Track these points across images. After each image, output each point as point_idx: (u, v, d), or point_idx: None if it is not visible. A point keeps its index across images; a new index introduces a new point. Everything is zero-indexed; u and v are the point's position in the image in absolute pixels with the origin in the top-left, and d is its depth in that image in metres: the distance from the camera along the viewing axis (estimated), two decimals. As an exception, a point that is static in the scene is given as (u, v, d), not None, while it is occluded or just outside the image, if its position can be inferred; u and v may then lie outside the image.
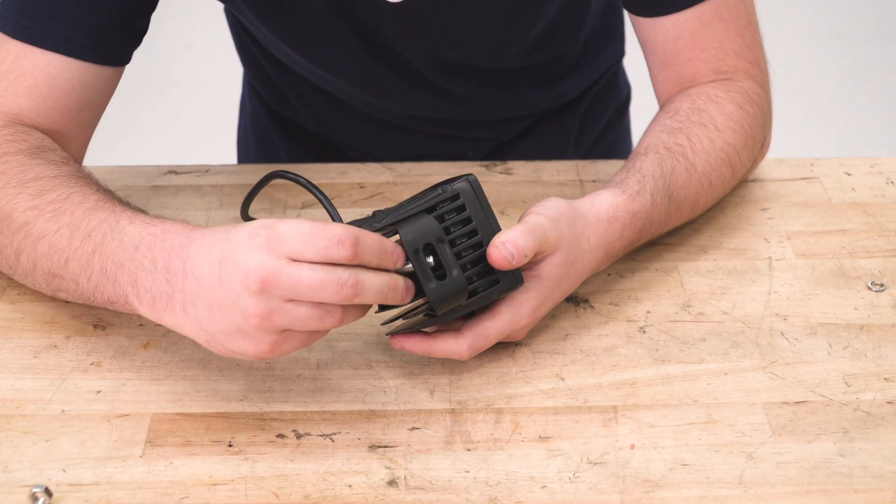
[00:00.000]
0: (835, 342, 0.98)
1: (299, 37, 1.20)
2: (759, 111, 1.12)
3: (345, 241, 0.82)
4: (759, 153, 1.14)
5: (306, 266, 0.82)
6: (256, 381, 0.94)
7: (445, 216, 0.90)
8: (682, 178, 1.04)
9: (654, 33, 1.13)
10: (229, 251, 0.83)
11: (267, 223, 0.83)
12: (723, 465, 0.86)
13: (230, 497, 0.84)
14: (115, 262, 0.89)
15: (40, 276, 0.95)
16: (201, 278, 0.84)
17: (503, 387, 0.93)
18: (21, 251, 0.95)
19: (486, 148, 1.37)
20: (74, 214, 0.93)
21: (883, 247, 1.09)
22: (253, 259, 0.82)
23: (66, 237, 0.92)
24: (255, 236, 0.83)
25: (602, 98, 1.42)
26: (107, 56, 1.06)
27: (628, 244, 1.02)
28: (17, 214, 0.95)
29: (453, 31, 1.19)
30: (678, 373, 0.95)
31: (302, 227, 0.82)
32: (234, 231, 0.84)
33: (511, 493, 0.84)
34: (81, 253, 0.91)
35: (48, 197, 0.95)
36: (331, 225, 0.83)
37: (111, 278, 0.90)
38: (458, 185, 0.90)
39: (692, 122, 1.08)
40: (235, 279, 0.82)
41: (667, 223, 1.05)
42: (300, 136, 1.40)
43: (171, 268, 0.86)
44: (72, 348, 0.97)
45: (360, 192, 1.17)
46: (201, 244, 0.85)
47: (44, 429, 0.89)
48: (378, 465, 0.86)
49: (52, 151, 1.01)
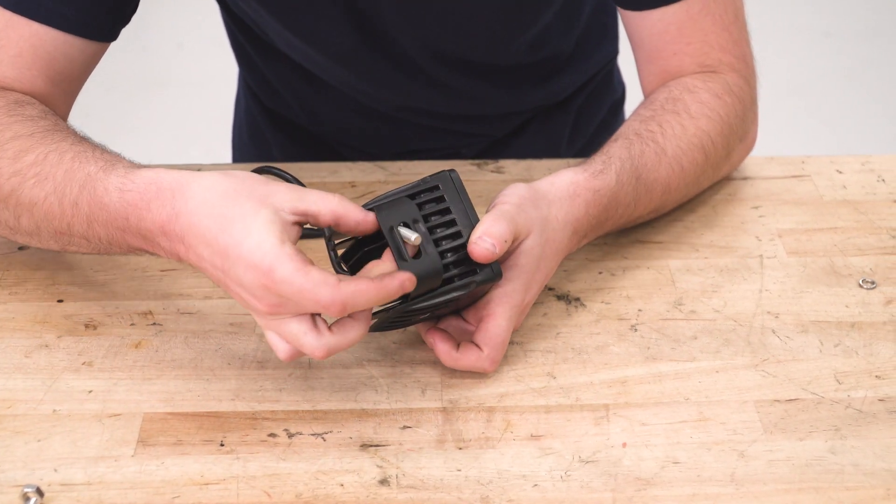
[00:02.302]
0: (826, 340, 0.98)
1: (296, 18, 1.20)
2: (738, 103, 1.12)
3: (330, 308, 0.83)
4: (739, 145, 1.14)
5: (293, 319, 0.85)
6: (248, 381, 0.94)
7: (425, 205, 0.90)
8: (650, 161, 1.04)
9: (641, 27, 1.13)
10: (229, 267, 0.84)
11: (266, 259, 0.82)
12: (714, 463, 0.87)
13: (222, 496, 0.84)
14: (116, 228, 0.91)
15: (47, 236, 0.97)
16: (203, 262, 0.87)
17: (495, 385, 0.93)
18: (20, 215, 0.96)
19: (480, 145, 1.37)
20: (56, 179, 0.93)
21: (874, 244, 1.09)
22: (256, 291, 0.84)
23: (57, 205, 0.93)
24: (255, 272, 0.83)
25: (596, 96, 1.43)
26: (94, 31, 1.06)
27: (595, 223, 1.01)
28: (3, 182, 0.96)
29: (451, 21, 1.19)
30: (670, 371, 0.95)
31: (293, 282, 0.82)
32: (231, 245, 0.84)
33: (503, 492, 0.84)
34: (79, 220, 0.92)
35: (27, 159, 0.95)
36: (319, 288, 0.82)
37: (119, 238, 0.91)
38: (439, 175, 0.91)
39: (665, 110, 1.08)
40: (239, 292, 0.85)
41: (636, 205, 1.04)
42: (294, 134, 1.40)
43: (170, 238, 0.87)
44: (63, 348, 0.97)
45: (351, 190, 1.17)
46: (194, 230, 0.86)
47: (35, 429, 0.89)
48: (370, 464, 0.86)
49: (29, 106, 1.02)
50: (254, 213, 0.84)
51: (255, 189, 0.85)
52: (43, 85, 1.06)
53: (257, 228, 0.83)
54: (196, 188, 0.86)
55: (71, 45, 1.06)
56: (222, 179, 0.86)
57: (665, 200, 1.08)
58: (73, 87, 1.10)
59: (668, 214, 1.12)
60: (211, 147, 2.93)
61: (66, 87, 1.09)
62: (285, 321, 0.85)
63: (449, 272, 0.89)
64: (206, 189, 0.86)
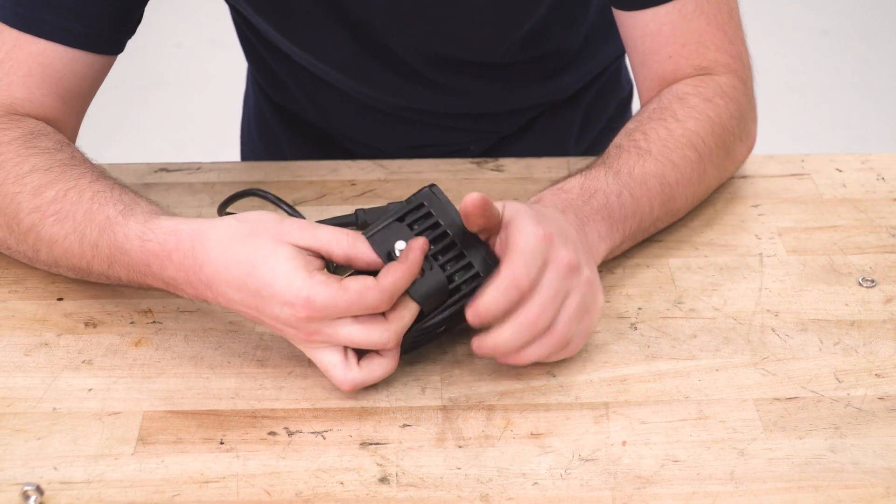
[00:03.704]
0: (826, 338, 0.98)
1: (292, 27, 1.21)
2: (732, 103, 1.11)
3: (381, 306, 0.87)
4: (739, 144, 1.13)
5: (345, 325, 0.87)
6: (248, 379, 0.94)
7: (415, 225, 0.91)
8: (632, 160, 1.03)
9: (634, 27, 1.13)
10: (264, 306, 0.88)
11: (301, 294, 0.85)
12: (714, 461, 0.87)
13: (222, 495, 0.84)
14: (138, 273, 0.93)
15: (65, 269, 0.99)
16: (234, 305, 0.89)
17: (494, 383, 0.93)
18: (38, 249, 0.98)
19: (487, 141, 1.37)
20: (76, 219, 0.95)
21: (874, 243, 1.09)
22: (295, 323, 0.87)
23: (77, 244, 0.95)
24: (292, 309, 0.86)
25: (604, 94, 1.43)
26: (101, 45, 1.07)
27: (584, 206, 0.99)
28: (23, 216, 0.97)
29: (442, 25, 1.19)
30: (669, 369, 0.95)
31: (338, 303, 0.85)
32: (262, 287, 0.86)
33: (503, 490, 0.84)
34: (99, 262, 0.95)
35: (47, 195, 0.96)
36: (364, 294, 0.86)
37: (140, 281, 0.94)
38: (420, 193, 0.92)
39: (652, 118, 1.08)
40: (278, 329, 0.89)
41: (632, 196, 1.02)
42: (303, 130, 1.40)
43: (196, 287, 0.90)
44: (63, 346, 0.97)
45: (351, 189, 1.17)
46: (220, 277, 0.88)
47: (35, 427, 0.89)
48: (370, 463, 0.86)
49: (45, 137, 1.02)
50: (274, 254, 0.86)
51: (269, 230, 0.88)
52: (53, 104, 1.06)
53: (282, 267, 0.86)
54: (214, 236, 0.89)
55: (78, 61, 1.06)
56: (238, 225, 0.89)
57: (671, 195, 1.05)
58: (83, 105, 1.11)
59: (668, 213, 1.12)
60: (210, 146, 2.93)
61: (76, 106, 1.09)
62: (319, 351, 0.89)
63: (454, 282, 0.90)
64: (224, 236, 0.88)
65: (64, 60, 1.05)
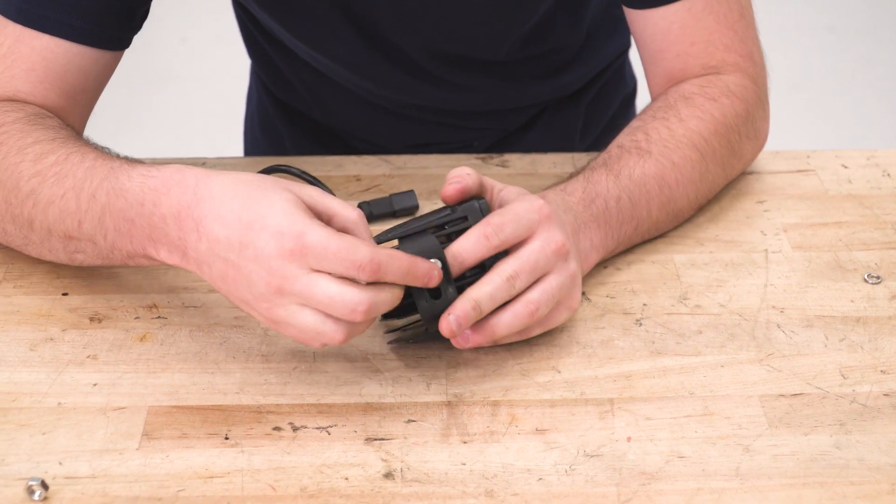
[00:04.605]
0: (831, 335, 0.98)
1: (298, 23, 1.21)
2: (740, 103, 1.11)
3: (365, 268, 0.84)
4: (746, 143, 1.13)
5: (324, 278, 0.84)
6: (253, 374, 0.94)
7: (452, 235, 0.91)
8: (632, 161, 1.04)
9: (644, 26, 1.13)
10: (250, 241, 0.85)
11: (295, 227, 0.84)
12: (719, 457, 0.86)
13: (226, 490, 0.84)
14: (126, 220, 0.91)
15: (56, 241, 0.97)
16: (216, 247, 0.86)
17: (499, 379, 0.93)
18: (33, 219, 0.97)
19: (491, 138, 1.37)
20: (76, 176, 0.94)
21: (879, 239, 1.09)
22: (275, 262, 0.84)
23: (73, 200, 0.93)
24: (280, 239, 0.84)
25: (608, 90, 1.42)
26: (105, 41, 1.06)
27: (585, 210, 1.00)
28: (23, 183, 0.96)
29: (447, 22, 1.19)
30: (675, 365, 0.95)
31: (328, 244, 0.83)
32: (256, 219, 0.85)
33: (507, 486, 0.84)
34: (92, 214, 0.93)
35: (49, 160, 0.96)
36: (357, 246, 0.84)
37: (126, 234, 0.91)
38: (467, 205, 0.92)
39: (655, 118, 1.08)
40: (253, 270, 0.85)
41: (631, 200, 1.02)
42: (306, 127, 1.40)
43: (183, 225, 0.88)
44: (68, 341, 0.97)
45: (356, 184, 1.17)
46: (215, 212, 0.86)
47: (40, 422, 0.89)
48: (374, 458, 0.86)
49: (49, 118, 1.02)
50: (278, 194, 0.86)
51: (279, 181, 0.88)
52: (56, 98, 1.06)
53: (283, 204, 0.85)
54: (222, 178, 0.88)
55: (82, 56, 1.05)
56: (249, 174, 0.89)
57: (670, 196, 1.05)
58: (89, 100, 1.10)
59: (673, 209, 1.12)
60: (215, 141, 2.93)
61: (81, 100, 1.08)
62: (315, 281, 0.84)
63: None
64: (231, 178, 0.88)
65: (67, 56, 1.05)
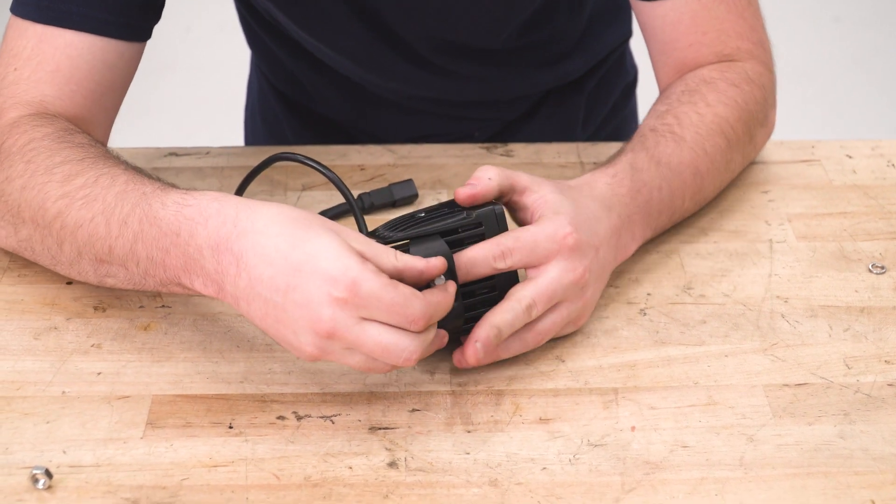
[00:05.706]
0: (835, 325, 0.98)
1: (303, 14, 1.20)
2: (758, 89, 1.11)
3: (419, 322, 0.83)
4: (759, 131, 1.13)
5: (375, 327, 0.82)
6: (257, 363, 0.94)
7: (465, 241, 0.91)
8: (669, 148, 1.04)
9: (653, 17, 1.12)
10: (298, 284, 0.82)
11: (349, 273, 0.81)
12: (723, 447, 0.86)
13: (230, 478, 0.84)
14: (160, 249, 0.88)
15: (87, 264, 0.94)
16: (258, 285, 0.83)
17: (503, 368, 0.93)
18: (62, 241, 0.94)
19: (492, 128, 1.37)
20: (106, 200, 0.91)
21: (884, 229, 1.09)
22: (325, 310, 0.81)
23: (103, 225, 0.90)
24: (333, 286, 0.81)
25: (609, 79, 1.42)
26: (129, 32, 1.05)
27: (631, 202, 1.00)
28: (49, 205, 0.93)
29: (447, 9, 1.19)
30: (679, 355, 0.95)
31: (383, 296, 0.81)
32: (306, 261, 0.82)
33: (511, 475, 0.84)
34: (123, 241, 0.90)
35: (77, 182, 0.93)
36: (410, 300, 0.82)
37: (159, 263, 0.88)
38: (483, 210, 0.91)
39: (682, 101, 1.08)
40: (301, 316, 0.82)
41: (671, 190, 1.03)
42: (307, 118, 1.40)
43: (221, 258, 0.84)
44: (72, 330, 0.97)
45: (360, 174, 1.17)
46: (259, 248, 0.83)
47: (44, 410, 0.89)
48: (378, 447, 0.86)
49: (78, 134, 0.99)
50: (327, 236, 0.83)
51: (324, 221, 0.85)
52: (83, 101, 1.03)
53: (334, 246, 0.82)
54: (265, 210, 0.85)
55: (107, 51, 1.03)
56: (290, 209, 0.85)
57: (701, 185, 1.06)
58: (114, 103, 1.08)
59: (678, 198, 1.11)
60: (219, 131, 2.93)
61: (107, 103, 1.06)
62: (366, 330, 0.82)
63: (476, 310, 0.91)
64: (275, 212, 0.85)
65: (93, 51, 1.03)
